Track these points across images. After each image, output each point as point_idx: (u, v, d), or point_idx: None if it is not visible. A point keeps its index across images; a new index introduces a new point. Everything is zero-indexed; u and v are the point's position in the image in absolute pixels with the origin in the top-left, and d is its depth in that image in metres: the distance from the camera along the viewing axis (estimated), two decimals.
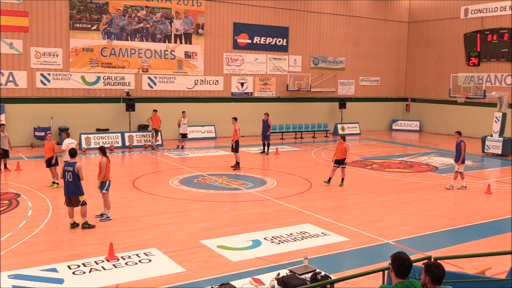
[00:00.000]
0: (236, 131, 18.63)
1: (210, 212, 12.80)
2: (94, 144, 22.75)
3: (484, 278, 6.70)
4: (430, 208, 13.71)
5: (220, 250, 9.92)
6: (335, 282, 6.66)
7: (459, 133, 16.39)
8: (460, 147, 15.95)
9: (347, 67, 32.44)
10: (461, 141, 16.09)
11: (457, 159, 16.12)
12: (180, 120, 23.89)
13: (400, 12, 34.33)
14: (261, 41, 28.95)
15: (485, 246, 10.54)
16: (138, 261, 9.19)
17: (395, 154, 23.51)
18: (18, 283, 8.12)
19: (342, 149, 15.99)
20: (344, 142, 16.08)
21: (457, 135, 16.29)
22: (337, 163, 16.14)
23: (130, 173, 17.78)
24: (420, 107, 34.23)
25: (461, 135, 16.37)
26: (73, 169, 10.95)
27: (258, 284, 6.61)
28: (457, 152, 16.10)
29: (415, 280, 4.75)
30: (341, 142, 16.04)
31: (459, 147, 16.04)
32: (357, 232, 11.33)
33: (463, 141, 16.08)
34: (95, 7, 24.15)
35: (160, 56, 26.08)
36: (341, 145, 16.03)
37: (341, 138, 16.20)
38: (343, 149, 15.98)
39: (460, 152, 15.92)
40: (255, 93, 29.20)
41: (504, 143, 23.45)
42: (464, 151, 15.97)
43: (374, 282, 7.45)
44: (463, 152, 15.90)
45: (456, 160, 16.15)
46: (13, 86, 22.64)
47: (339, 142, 16.11)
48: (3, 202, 13.13)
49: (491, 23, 29.44)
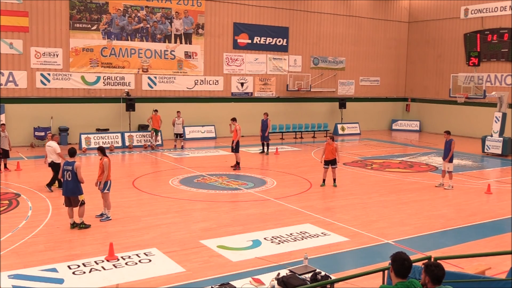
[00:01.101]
0: (236, 131, 18.62)
1: (210, 212, 12.80)
2: (94, 144, 22.74)
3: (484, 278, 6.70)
4: (430, 208, 13.71)
5: (220, 250, 9.92)
6: (335, 282, 6.67)
7: (448, 132, 16.43)
8: (450, 145, 15.98)
9: (347, 67, 32.45)
10: (451, 139, 16.14)
11: (445, 156, 16.15)
12: (175, 120, 23.89)
13: (400, 12, 34.34)
14: (261, 41, 28.95)
15: (485, 246, 10.54)
16: (138, 261, 9.19)
17: (395, 154, 23.51)
18: (18, 283, 8.12)
19: (332, 149, 15.71)
20: (334, 142, 15.83)
21: (446, 135, 16.33)
22: (327, 163, 15.94)
23: (130, 173, 17.78)
24: (420, 107, 34.23)
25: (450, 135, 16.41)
26: (72, 168, 10.97)
27: (258, 284, 6.61)
28: (446, 150, 16.13)
29: (415, 280, 4.75)
30: (330, 142, 15.69)
31: (448, 145, 16.07)
32: (357, 232, 11.33)
33: (453, 140, 16.16)
34: (95, 7, 24.15)
35: (160, 56, 26.09)
36: (330, 145, 15.70)
37: (330, 138, 15.87)
38: (333, 150, 15.71)
39: (449, 150, 15.95)
40: (255, 93, 29.20)
41: (504, 143, 23.45)
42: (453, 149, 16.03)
43: (374, 282, 7.45)
44: (452, 150, 15.96)
45: (444, 158, 16.18)
46: (13, 86, 22.65)
47: (328, 143, 15.73)
48: (3, 202, 13.14)
49: (491, 23, 29.44)
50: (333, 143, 15.76)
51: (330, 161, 15.86)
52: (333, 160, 15.82)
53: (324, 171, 16.06)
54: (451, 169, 16.18)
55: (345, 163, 20.46)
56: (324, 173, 16.05)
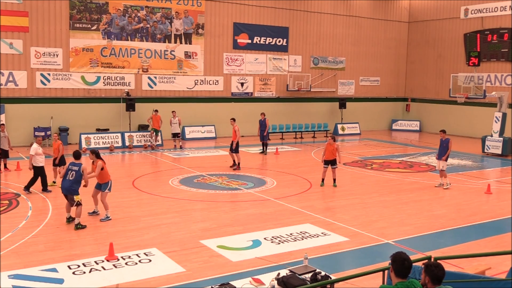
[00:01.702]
0: (235, 131, 18.62)
1: (210, 212, 12.80)
2: (94, 144, 22.77)
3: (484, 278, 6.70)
4: (430, 208, 13.72)
5: (220, 250, 9.92)
6: (335, 282, 6.66)
7: (444, 131, 16.51)
8: (448, 144, 16.04)
9: (347, 67, 32.44)
10: (448, 139, 16.22)
11: (441, 156, 16.16)
12: (171, 120, 23.92)
13: (400, 12, 34.34)
14: (261, 41, 28.95)
15: (485, 246, 10.54)
16: (138, 261, 9.19)
17: (395, 154, 23.51)
18: (18, 283, 8.12)
19: (332, 150, 15.69)
20: (335, 143, 15.83)
21: (442, 134, 16.38)
22: (327, 163, 15.93)
23: (130, 173, 17.78)
24: (420, 107, 34.23)
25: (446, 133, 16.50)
26: (79, 169, 11.15)
27: (258, 284, 6.61)
28: (442, 149, 16.15)
29: (415, 280, 4.75)
30: (331, 143, 15.67)
31: (445, 144, 16.10)
32: (357, 232, 11.33)
33: (450, 139, 16.25)
34: (95, 7, 24.15)
35: (160, 56, 26.09)
36: (331, 146, 15.68)
37: (331, 138, 15.86)
38: (333, 150, 15.69)
39: (446, 149, 16.00)
40: (255, 93, 29.20)
41: (504, 143, 23.44)
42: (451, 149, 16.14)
43: (374, 282, 7.45)
44: (450, 149, 16.05)
45: (440, 157, 16.19)
46: (13, 86, 22.65)
47: (329, 143, 15.72)
48: (3, 202, 13.14)
49: (491, 23, 29.44)
50: (334, 144, 15.74)
51: (330, 161, 15.84)
52: (333, 160, 15.81)
53: (323, 170, 16.04)
54: (444, 168, 16.22)
55: (345, 163, 20.47)
56: (324, 173, 16.04)
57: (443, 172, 16.25)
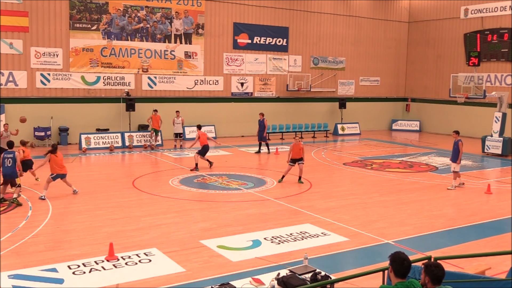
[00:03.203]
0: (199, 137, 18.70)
1: (210, 212, 12.81)
2: (94, 144, 22.78)
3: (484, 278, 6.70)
4: (430, 208, 13.71)
5: (220, 250, 9.92)
6: (335, 282, 6.66)
7: (457, 132, 16.41)
8: (458, 146, 15.97)
9: (347, 67, 32.45)
10: (459, 140, 16.11)
11: (454, 158, 16.11)
12: (174, 119, 23.96)
13: (400, 12, 34.34)
14: (261, 41, 28.95)
15: (485, 246, 10.53)
16: (138, 261, 9.19)
17: (395, 154, 23.50)
18: (18, 283, 8.12)
19: (299, 149, 16.50)
20: (301, 143, 16.71)
21: (455, 134, 16.30)
22: (294, 161, 16.56)
23: (130, 173, 17.78)
24: (420, 107, 34.23)
25: (459, 135, 16.40)
26: (13, 156, 13.12)
27: (258, 284, 6.61)
28: (454, 151, 16.10)
29: (415, 280, 4.75)
30: (298, 143, 16.54)
31: (456, 145, 16.05)
32: (357, 232, 11.33)
33: (460, 141, 16.11)
34: (95, 7, 24.15)
35: (160, 56, 26.09)
36: (297, 146, 16.50)
37: (299, 138, 17.08)
38: (300, 150, 16.51)
39: (457, 151, 15.94)
40: (255, 93, 29.20)
41: (504, 143, 23.44)
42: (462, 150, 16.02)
43: (374, 282, 7.45)
44: (461, 151, 15.95)
45: (454, 160, 16.13)
46: (13, 86, 22.65)
47: (296, 143, 16.54)
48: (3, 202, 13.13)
49: (491, 23, 29.44)
50: (300, 143, 16.65)
51: (297, 159, 16.57)
52: (300, 158, 16.61)
53: (288, 168, 16.62)
54: (457, 169, 16.16)
55: (345, 163, 20.47)
56: (287, 171, 16.64)
57: (456, 173, 16.20)
